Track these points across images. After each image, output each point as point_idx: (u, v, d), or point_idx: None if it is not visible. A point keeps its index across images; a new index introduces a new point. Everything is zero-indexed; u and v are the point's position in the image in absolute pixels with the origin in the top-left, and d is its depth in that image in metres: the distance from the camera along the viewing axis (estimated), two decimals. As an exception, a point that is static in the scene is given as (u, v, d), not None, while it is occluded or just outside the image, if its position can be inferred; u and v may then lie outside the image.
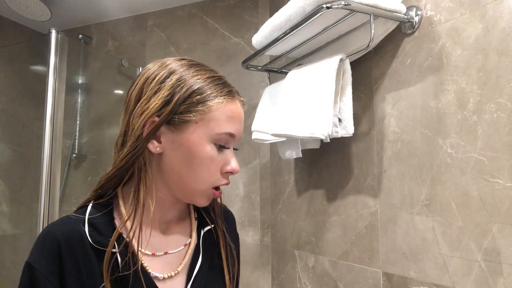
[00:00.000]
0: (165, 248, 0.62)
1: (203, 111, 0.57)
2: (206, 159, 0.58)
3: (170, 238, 0.64)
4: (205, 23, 1.82)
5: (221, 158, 0.60)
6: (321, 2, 0.88)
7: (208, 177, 0.59)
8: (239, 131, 0.62)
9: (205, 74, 0.60)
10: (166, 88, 0.57)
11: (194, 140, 0.57)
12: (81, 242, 0.55)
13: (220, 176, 0.60)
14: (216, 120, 0.58)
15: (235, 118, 0.60)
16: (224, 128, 0.58)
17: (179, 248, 0.63)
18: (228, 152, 0.61)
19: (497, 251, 0.72)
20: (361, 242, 1.07)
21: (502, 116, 0.73)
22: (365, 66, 1.08)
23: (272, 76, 1.41)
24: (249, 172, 1.66)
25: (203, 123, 0.57)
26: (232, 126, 0.59)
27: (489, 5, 0.76)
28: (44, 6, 1.76)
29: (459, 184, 0.80)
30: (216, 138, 0.58)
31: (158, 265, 0.60)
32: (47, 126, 1.48)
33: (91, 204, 0.60)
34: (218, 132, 0.58)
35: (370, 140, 1.05)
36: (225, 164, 0.60)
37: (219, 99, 0.59)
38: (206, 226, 0.69)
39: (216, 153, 0.59)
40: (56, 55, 1.52)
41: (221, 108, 0.58)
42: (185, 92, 0.57)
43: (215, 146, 0.58)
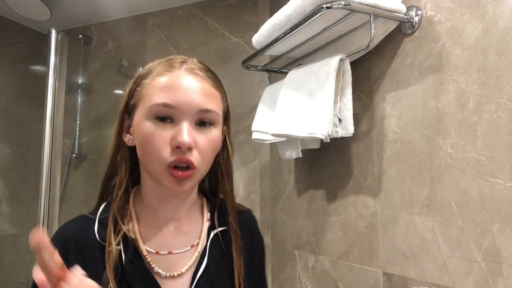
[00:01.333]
0: (170, 247, 0.61)
1: (140, 91, 0.58)
2: (148, 136, 0.55)
3: (177, 238, 0.62)
4: (205, 23, 1.82)
5: (168, 133, 0.55)
6: (321, 2, 0.88)
7: (156, 155, 0.55)
8: (180, 99, 0.55)
9: (158, 60, 0.61)
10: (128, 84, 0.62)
11: (138, 120, 0.57)
12: (88, 240, 0.57)
13: (171, 152, 0.55)
14: (149, 94, 0.56)
15: (169, 87, 0.56)
16: (155, 99, 0.55)
17: (185, 248, 0.62)
18: (178, 125, 0.55)
19: (497, 251, 0.72)
20: (361, 242, 1.07)
21: (502, 116, 0.73)
22: (365, 66, 1.08)
23: (272, 76, 1.41)
24: (249, 172, 1.66)
25: (141, 103, 0.57)
26: (165, 95, 0.55)
27: (489, 5, 0.76)
28: (44, 6, 1.76)
29: (459, 184, 0.80)
30: (150, 113, 0.55)
31: (161, 263, 0.59)
32: (47, 126, 1.48)
33: (104, 203, 0.62)
34: (150, 105, 0.55)
35: (370, 140, 1.05)
36: (172, 138, 0.55)
37: (152, 75, 0.58)
38: (218, 228, 0.66)
39: (156, 128, 0.55)
40: (56, 55, 1.52)
41: (153, 82, 0.57)
42: (134, 80, 0.60)
43: (154, 121, 0.55)
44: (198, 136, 0.57)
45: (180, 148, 0.54)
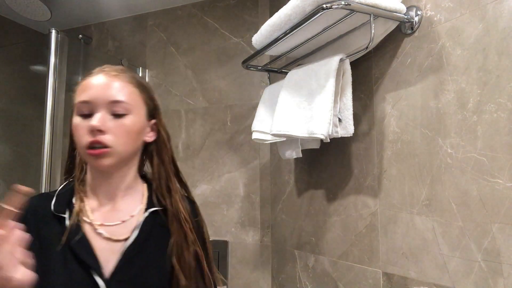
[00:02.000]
0: (103, 220, 0.72)
1: (74, 95, 0.72)
2: (74, 128, 0.70)
3: (110, 213, 0.73)
4: (205, 23, 1.82)
5: (87, 123, 0.68)
6: (321, 2, 0.88)
7: (80, 141, 0.69)
8: (94, 95, 0.69)
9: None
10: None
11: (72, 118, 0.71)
12: (45, 211, 0.71)
13: (87, 136, 0.68)
14: (76, 96, 0.71)
15: (86, 87, 0.70)
16: (78, 98, 0.70)
17: (115, 222, 0.72)
18: (93, 117, 0.68)
19: (497, 251, 0.72)
20: (361, 242, 1.07)
21: (502, 116, 0.73)
22: (365, 66, 1.08)
23: (272, 76, 1.41)
24: (249, 172, 1.66)
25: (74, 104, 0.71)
26: (84, 95, 0.69)
27: (489, 5, 0.76)
28: (44, 6, 1.76)
29: (459, 184, 0.80)
30: (76, 110, 0.70)
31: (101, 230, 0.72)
32: (47, 126, 1.48)
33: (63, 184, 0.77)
34: (74, 103, 0.70)
35: (370, 140, 1.05)
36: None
37: (81, 81, 0.72)
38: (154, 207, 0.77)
39: (80, 121, 0.69)
40: (56, 55, 1.52)
41: (79, 86, 0.72)
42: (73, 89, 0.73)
43: (78, 116, 0.69)
44: (111, 122, 0.69)
45: (92, 131, 0.67)
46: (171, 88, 1.84)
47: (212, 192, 1.70)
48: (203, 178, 1.73)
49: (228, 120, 1.72)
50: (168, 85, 1.84)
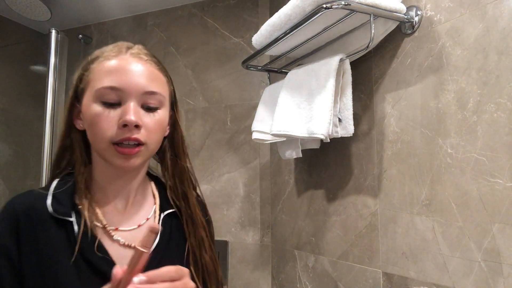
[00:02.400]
0: (117, 224, 0.64)
1: (87, 75, 0.61)
2: (94, 117, 0.58)
3: (124, 216, 0.65)
4: (205, 23, 1.82)
5: (116, 114, 0.58)
6: (321, 2, 0.88)
7: (102, 134, 0.58)
8: (126, 82, 0.58)
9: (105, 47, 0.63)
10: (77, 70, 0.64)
11: (85, 104, 0.60)
12: (40, 213, 0.59)
13: (117, 131, 0.58)
14: (96, 79, 0.59)
15: (114, 70, 0.59)
16: (101, 83, 0.58)
17: (132, 227, 0.65)
18: (125, 106, 0.58)
19: (497, 251, 0.72)
20: (361, 242, 1.07)
21: (502, 116, 0.73)
22: (365, 66, 1.08)
23: (272, 76, 1.41)
24: (249, 172, 1.66)
25: (89, 88, 0.60)
26: (112, 79, 0.58)
27: (489, 5, 0.76)
28: (44, 6, 1.76)
29: (459, 184, 0.80)
30: (98, 96, 0.58)
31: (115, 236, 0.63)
32: (47, 126, 1.49)
33: (57, 180, 0.64)
34: (97, 88, 0.58)
35: (370, 140, 1.05)
36: (119, 118, 0.58)
37: (99, 60, 0.61)
38: (168, 210, 0.70)
39: (103, 110, 0.58)
40: (56, 55, 1.52)
41: (99, 66, 0.60)
42: (82, 66, 0.63)
43: (101, 103, 0.58)
44: (144, 117, 0.60)
45: (127, 126, 0.57)
46: (171, 88, 1.84)
47: (212, 192, 1.70)
48: (203, 178, 1.73)
49: (228, 120, 1.72)
50: (168, 85, 1.84)
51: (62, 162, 0.67)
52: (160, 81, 0.63)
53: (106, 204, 0.65)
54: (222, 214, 1.67)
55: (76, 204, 0.61)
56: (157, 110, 0.62)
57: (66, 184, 0.63)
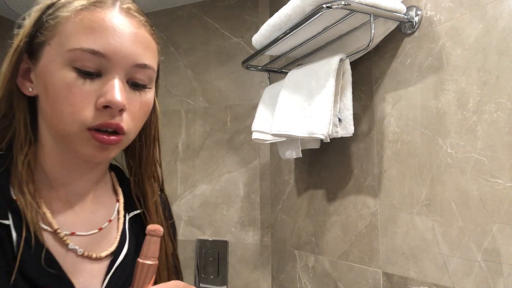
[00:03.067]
0: (73, 227, 0.49)
1: (53, 26, 0.44)
2: (62, 88, 0.43)
3: (81, 216, 0.51)
4: (205, 23, 1.82)
5: (92, 87, 0.43)
6: (321, 2, 0.88)
7: (73, 113, 0.43)
8: (113, 47, 0.43)
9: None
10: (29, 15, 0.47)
11: (47, 65, 0.44)
12: None
13: (95, 112, 0.44)
14: (68, 34, 0.43)
15: (98, 28, 0.43)
16: (78, 42, 0.42)
17: (92, 231, 0.51)
18: (106, 80, 0.44)
19: (497, 251, 0.72)
20: (361, 242, 1.07)
21: (502, 116, 0.73)
22: (365, 66, 1.08)
23: (272, 76, 1.41)
24: (249, 172, 1.66)
25: (55, 42, 0.44)
26: (94, 40, 0.42)
27: (489, 5, 0.76)
28: (44, 6, 1.76)
29: (459, 184, 0.80)
30: (70, 59, 0.42)
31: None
32: (47, 126, 1.48)
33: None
34: (70, 48, 0.42)
35: (370, 140, 1.05)
36: (100, 96, 0.44)
37: (73, 6, 0.44)
38: (134, 210, 0.57)
39: (76, 80, 0.43)
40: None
41: (75, 17, 0.43)
42: (40, 10, 0.46)
43: (74, 70, 0.43)
44: (130, 97, 0.46)
45: (109, 108, 0.44)
46: (171, 88, 1.84)
47: (212, 192, 1.70)
48: (203, 178, 1.73)
49: (228, 120, 1.72)
50: (168, 85, 1.84)
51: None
52: (152, 51, 0.50)
53: (56, 200, 0.49)
54: (222, 214, 1.67)
55: (14, 200, 0.44)
56: (145, 89, 0.49)
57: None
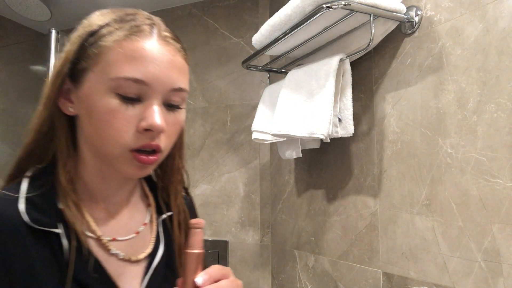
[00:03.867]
0: (113, 233, 0.53)
1: (96, 54, 0.47)
2: (106, 114, 0.46)
3: (119, 222, 0.55)
4: (205, 23, 1.82)
5: (134, 112, 0.47)
6: (321, 2, 0.88)
7: (116, 137, 0.47)
8: (153, 75, 0.47)
9: (112, 14, 0.50)
10: (71, 41, 0.51)
11: (91, 91, 0.47)
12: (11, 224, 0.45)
13: (136, 135, 0.47)
14: (112, 63, 0.46)
15: (140, 58, 0.46)
16: (121, 71, 0.45)
17: (129, 235, 0.55)
18: (147, 105, 0.47)
19: (497, 251, 0.72)
20: (361, 242, 1.07)
21: (502, 116, 0.73)
22: (365, 66, 1.08)
23: (272, 76, 1.41)
24: (249, 172, 1.66)
25: (98, 70, 0.47)
26: (136, 68, 0.46)
27: (489, 5, 0.76)
28: (44, 6, 1.76)
29: (459, 184, 0.80)
30: (114, 86, 0.46)
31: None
32: (47, 126, 1.48)
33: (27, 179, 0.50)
34: (113, 77, 0.46)
35: (370, 140, 1.05)
36: (141, 120, 0.47)
37: (115, 37, 0.47)
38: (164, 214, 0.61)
39: (120, 106, 0.46)
40: (56, 55, 1.52)
41: (117, 47, 0.46)
42: (81, 37, 0.49)
43: (118, 96, 0.46)
44: (166, 118, 0.50)
45: (150, 131, 0.47)
46: (171, 88, 1.84)
47: (212, 192, 1.70)
48: (203, 178, 1.73)
49: (228, 120, 1.72)
50: (168, 85, 1.84)
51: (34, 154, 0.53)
52: (186, 74, 0.52)
53: (97, 208, 0.53)
54: (222, 214, 1.67)
55: (61, 210, 0.48)
56: (179, 110, 0.52)
57: (43, 184, 0.50)
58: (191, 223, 0.48)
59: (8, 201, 0.47)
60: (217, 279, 0.47)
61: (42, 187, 0.49)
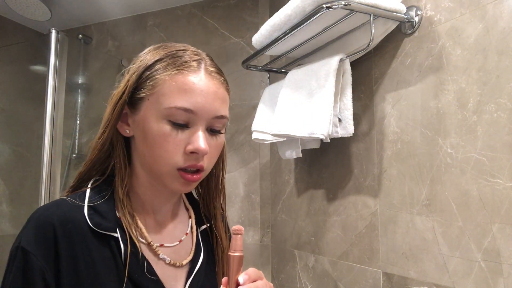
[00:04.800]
0: (161, 240, 0.61)
1: (152, 86, 0.55)
2: (159, 137, 0.54)
3: (166, 231, 0.63)
4: (205, 23, 1.82)
5: (183, 137, 0.55)
6: (321, 2, 0.88)
7: (167, 157, 0.55)
8: (200, 105, 0.54)
9: (164, 50, 0.58)
10: (129, 72, 0.58)
11: (147, 117, 0.55)
12: (78, 226, 0.53)
13: (184, 156, 0.55)
14: (165, 94, 0.54)
15: (189, 90, 0.54)
16: (173, 102, 0.53)
17: (174, 243, 0.63)
18: (193, 131, 0.55)
19: (497, 251, 0.72)
20: (361, 242, 1.07)
21: (502, 116, 0.73)
22: (365, 66, 1.08)
23: (272, 76, 1.41)
24: (249, 172, 1.66)
25: (153, 99, 0.55)
26: (186, 99, 0.54)
27: (489, 5, 0.76)
28: (44, 6, 1.76)
29: (459, 184, 0.80)
30: (167, 114, 0.54)
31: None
32: (47, 126, 1.48)
33: (89, 189, 0.59)
34: (167, 106, 0.54)
35: (370, 140, 1.05)
36: (188, 143, 0.55)
37: (168, 71, 0.55)
38: (203, 225, 0.69)
39: (171, 131, 0.54)
40: (56, 55, 1.52)
41: (170, 80, 0.54)
42: (138, 70, 0.57)
43: (169, 123, 0.54)
44: (209, 142, 0.57)
45: (195, 153, 0.55)
46: (171, 88, 1.84)
47: (212, 192, 1.70)
48: (203, 178, 1.73)
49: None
50: (168, 85, 1.84)
51: (94, 169, 0.61)
52: (227, 103, 0.60)
53: (147, 217, 0.61)
54: (222, 214, 1.67)
55: (119, 218, 0.56)
56: (220, 134, 0.60)
57: (103, 195, 0.58)
58: (233, 229, 0.54)
59: (76, 208, 0.55)
60: (254, 280, 0.54)
61: (102, 197, 0.57)
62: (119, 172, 0.59)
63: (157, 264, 0.58)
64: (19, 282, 0.49)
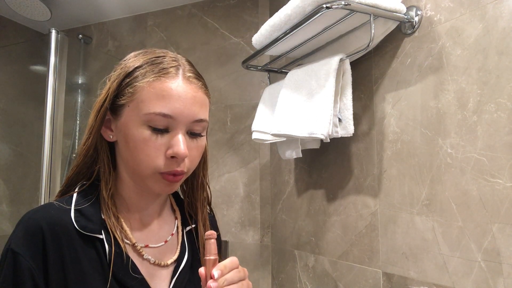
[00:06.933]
0: (146, 241, 0.63)
1: (131, 93, 0.57)
2: (140, 142, 0.56)
3: (151, 232, 0.65)
4: (205, 23, 1.82)
5: (163, 141, 0.56)
6: (321, 2, 0.88)
7: (148, 162, 0.56)
8: (179, 110, 0.56)
9: (144, 57, 0.59)
10: (110, 79, 0.60)
11: (128, 123, 0.57)
12: (65, 228, 0.55)
13: (165, 161, 0.57)
14: (144, 100, 0.56)
15: (167, 96, 0.55)
16: (152, 108, 0.55)
17: (159, 243, 0.64)
18: (173, 135, 0.57)
19: (497, 251, 0.72)
20: (361, 242, 1.07)
21: (502, 116, 0.73)
22: (365, 66, 1.08)
23: (272, 76, 1.41)
24: (249, 172, 1.66)
25: (133, 106, 0.57)
26: (164, 105, 0.55)
27: (489, 5, 0.76)
28: (44, 6, 1.76)
29: (459, 184, 0.80)
30: (146, 120, 0.55)
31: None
32: (47, 126, 1.48)
33: (76, 193, 0.61)
34: (146, 112, 0.55)
35: (370, 140, 1.05)
36: (168, 148, 0.57)
37: (147, 78, 0.56)
38: (188, 226, 0.71)
39: (151, 136, 0.56)
40: (56, 55, 1.52)
41: (149, 87, 0.56)
42: (119, 77, 0.58)
43: (149, 128, 0.56)
44: (189, 145, 0.59)
45: (175, 158, 0.56)
46: (171, 88, 1.84)
47: (212, 192, 1.68)
48: (203, 178, 1.73)
49: (228, 120, 1.72)
50: (168, 85, 1.84)
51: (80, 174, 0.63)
52: (206, 106, 0.62)
53: (132, 219, 0.63)
54: (222, 214, 1.67)
55: (103, 220, 0.58)
56: (201, 137, 0.61)
57: (89, 199, 0.60)
58: (206, 234, 0.55)
59: (63, 211, 0.57)
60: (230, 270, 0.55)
61: (88, 201, 0.60)
62: (103, 176, 0.61)
63: (142, 264, 0.60)
64: (9, 282, 0.51)
